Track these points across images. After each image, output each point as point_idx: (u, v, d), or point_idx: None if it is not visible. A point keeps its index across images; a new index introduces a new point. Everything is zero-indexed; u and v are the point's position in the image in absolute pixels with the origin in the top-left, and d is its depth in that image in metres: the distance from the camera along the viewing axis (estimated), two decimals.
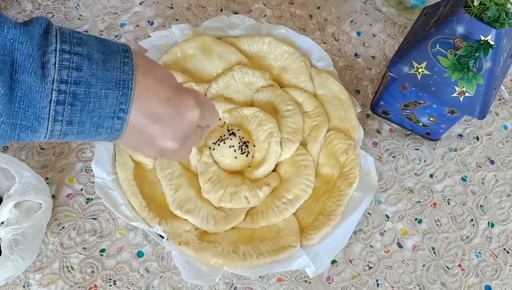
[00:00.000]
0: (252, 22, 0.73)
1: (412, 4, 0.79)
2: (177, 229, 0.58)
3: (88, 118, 0.37)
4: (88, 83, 0.36)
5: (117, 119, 0.38)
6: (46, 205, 0.58)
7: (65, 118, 0.36)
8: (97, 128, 0.38)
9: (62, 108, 0.36)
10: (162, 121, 0.41)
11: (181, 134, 0.43)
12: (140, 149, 0.43)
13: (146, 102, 0.40)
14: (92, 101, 0.37)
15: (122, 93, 0.38)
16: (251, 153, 0.65)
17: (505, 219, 0.68)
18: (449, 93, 0.59)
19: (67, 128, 0.37)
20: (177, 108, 0.41)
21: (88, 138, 0.39)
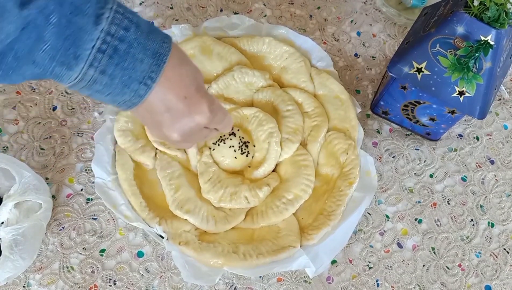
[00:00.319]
0: (252, 22, 0.73)
1: (412, 4, 0.79)
2: (177, 229, 0.58)
3: (119, 74, 0.40)
4: (130, 43, 0.40)
5: (144, 85, 0.42)
6: (46, 205, 0.58)
7: (100, 66, 0.39)
8: (124, 87, 0.41)
9: (101, 56, 0.39)
10: (172, 113, 0.45)
11: (187, 130, 0.47)
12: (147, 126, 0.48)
13: (165, 91, 0.43)
14: (129, 60, 0.40)
15: (155, 63, 0.41)
16: (251, 153, 0.65)
17: (505, 219, 0.68)
18: (449, 93, 0.59)
19: (98, 76, 0.39)
20: (189, 107, 0.45)
21: (111, 94, 0.41)
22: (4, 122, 0.67)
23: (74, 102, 0.69)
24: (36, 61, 0.38)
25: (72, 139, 0.67)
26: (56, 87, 0.70)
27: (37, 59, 0.38)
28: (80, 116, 0.69)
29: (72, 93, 0.70)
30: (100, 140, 0.62)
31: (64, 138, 0.67)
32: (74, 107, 0.69)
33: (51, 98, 0.69)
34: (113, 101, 0.43)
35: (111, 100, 0.43)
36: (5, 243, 0.54)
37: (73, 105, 0.69)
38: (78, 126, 0.68)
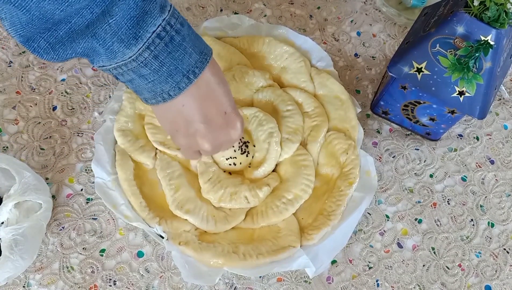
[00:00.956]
0: (252, 22, 0.73)
1: (412, 4, 0.79)
2: (177, 229, 0.59)
3: (169, 62, 0.42)
4: (183, 37, 0.43)
5: (186, 78, 0.44)
6: (46, 205, 0.58)
7: (155, 51, 0.41)
8: (168, 76, 0.43)
9: (158, 41, 0.41)
10: (211, 125, 0.48)
11: (218, 144, 0.50)
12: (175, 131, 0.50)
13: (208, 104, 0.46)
14: (180, 51, 0.43)
15: (200, 60, 0.44)
16: (251, 153, 0.65)
17: (505, 219, 0.68)
18: (449, 93, 0.59)
19: (150, 60, 0.42)
20: (228, 123, 0.49)
21: (154, 81, 0.43)
22: (4, 122, 0.67)
23: (74, 102, 0.69)
24: (97, 34, 0.39)
25: (72, 139, 0.67)
26: (56, 87, 0.70)
27: (98, 32, 0.39)
28: (80, 116, 0.69)
29: (72, 93, 0.70)
30: (100, 140, 0.62)
31: (64, 138, 0.67)
32: (74, 107, 0.69)
33: (51, 98, 0.69)
34: (152, 90, 0.44)
35: (150, 89, 0.44)
36: (5, 243, 0.54)
37: (73, 105, 0.69)
38: (78, 126, 0.68)
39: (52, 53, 0.41)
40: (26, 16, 0.38)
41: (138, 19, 0.40)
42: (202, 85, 0.45)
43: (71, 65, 0.72)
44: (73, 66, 0.72)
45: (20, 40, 0.40)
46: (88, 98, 0.70)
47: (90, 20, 0.39)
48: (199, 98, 0.46)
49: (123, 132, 0.63)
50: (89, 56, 0.42)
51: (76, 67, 0.72)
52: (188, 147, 0.51)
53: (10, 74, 0.70)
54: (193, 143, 0.49)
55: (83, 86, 0.71)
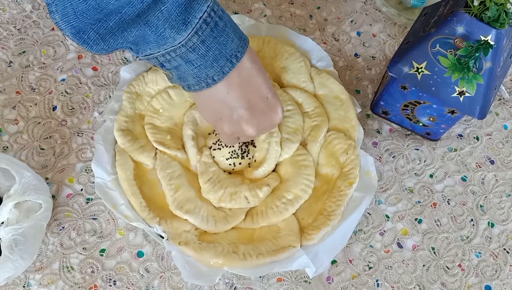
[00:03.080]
0: (252, 22, 0.73)
1: (412, 4, 0.79)
2: (177, 229, 0.59)
3: (214, 47, 0.44)
4: (226, 23, 0.45)
5: (230, 62, 0.46)
6: (46, 205, 0.58)
7: (202, 36, 0.43)
8: (213, 61, 0.45)
9: (205, 26, 0.43)
10: (254, 110, 0.50)
11: (262, 128, 0.52)
12: (218, 120, 0.52)
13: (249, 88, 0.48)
14: (224, 36, 0.45)
15: (241, 44, 0.46)
16: (251, 153, 0.65)
17: (505, 219, 0.68)
18: (449, 93, 0.59)
19: (198, 45, 0.44)
20: (271, 108, 0.51)
21: (202, 65, 0.45)
22: (4, 122, 0.67)
23: (74, 102, 0.69)
24: (149, 21, 0.41)
25: (72, 139, 0.67)
26: (56, 87, 0.70)
27: (151, 19, 0.41)
28: (80, 116, 0.69)
29: (72, 93, 0.70)
30: (100, 140, 0.62)
31: (64, 138, 0.67)
32: (74, 107, 0.69)
33: (51, 98, 0.69)
34: (197, 76, 0.46)
35: (195, 74, 0.46)
36: (5, 243, 0.54)
37: (73, 105, 0.69)
38: (78, 126, 0.68)
39: (102, 43, 0.43)
40: (83, 5, 0.39)
41: (186, 6, 0.41)
42: (243, 71, 0.47)
43: (71, 65, 0.72)
44: (73, 66, 0.72)
45: (72, 31, 0.41)
46: (88, 98, 0.70)
47: (141, 9, 0.40)
48: (242, 84, 0.48)
49: (123, 132, 0.63)
50: (137, 45, 0.44)
51: (76, 67, 0.72)
52: (232, 134, 0.53)
53: (10, 74, 0.70)
54: (238, 129, 0.51)
55: (83, 86, 0.71)
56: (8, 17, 0.75)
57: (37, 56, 0.72)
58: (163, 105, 0.66)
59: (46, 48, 0.73)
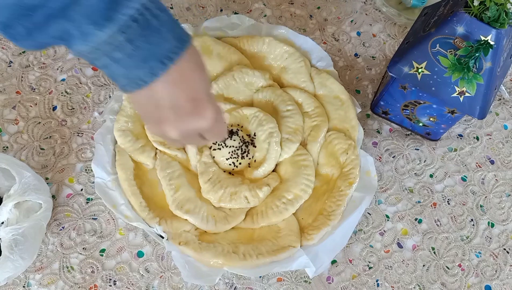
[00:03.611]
0: (252, 22, 0.73)
1: (412, 4, 0.79)
2: (177, 229, 0.58)
3: (143, 47, 0.41)
4: (161, 22, 0.42)
5: (161, 64, 0.43)
6: (46, 205, 0.58)
7: (129, 34, 0.40)
8: (142, 61, 0.42)
9: (134, 24, 0.40)
10: (177, 111, 0.46)
11: (185, 131, 0.48)
12: (146, 118, 0.49)
13: (178, 86, 0.45)
14: (156, 36, 0.42)
15: (177, 46, 0.43)
16: (251, 153, 0.65)
17: (505, 219, 0.68)
18: (449, 93, 0.59)
19: (124, 44, 0.41)
20: (195, 109, 0.46)
21: (130, 65, 0.42)
22: (4, 122, 0.67)
23: (74, 102, 0.69)
24: (70, 16, 0.39)
25: (72, 139, 0.67)
26: (56, 87, 0.70)
27: (72, 14, 0.39)
28: (80, 116, 0.69)
29: (72, 93, 0.70)
30: (100, 140, 0.62)
31: (64, 138, 0.67)
32: (74, 107, 0.69)
33: (51, 98, 0.69)
34: (127, 76, 0.43)
35: (125, 75, 0.43)
36: (5, 243, 0.54)
37: (73, 105, 0.69)
38: (78, 126, 0.68)
39: (30, 39, 0.41)
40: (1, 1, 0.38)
41: (112, 1, 0.39)
42: (177, 71, 0.44)
43: (71, 65, 0.72)
44: (73, 66, 0.72)
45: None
46: (88, 98, 0.70)
47: (64, 3, 0.38)
48: (171, 83, 0.44)
49: (123, 132, 0.63)
50: (66, 40, 0.41)
51: (76, 67, 0.72)
52: (158, 135, 0.50)
53: (10, 74, 0.70)
54: (161, 130, 0.48)
55: (83, 86, 0.71)
56: None
57: (37, 56, 0.72)
58: None
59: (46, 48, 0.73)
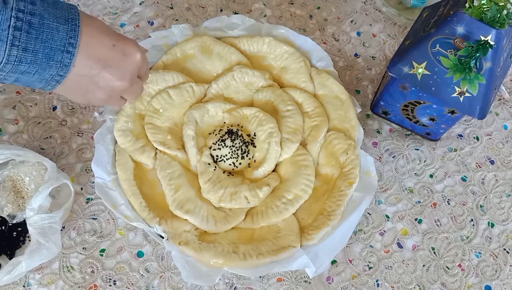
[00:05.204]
0: (252, 22, 0.73)
1: (412, 4, 0.79)
2: (177, 229, 0.58)
3: (41, 47, 0.41)
4: (41, 15, 0.41)
5: (67, 53, 0.42)
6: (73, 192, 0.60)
7: (21, 44, 0.40)
8: (49, 60, 0.42)
9: (19, 33, 0.39)
10: (110, 64, 0.47)
11: (129, 73, 0.49)
12: (89, 93, 0.48)
13: (94, 48, 0.45)
14: (45, 31, 0.41)
15: (71, 28, 0.43)
16: (251, 153, 0.65)
17: (505, 219, 0.68)
18: (449, 93, 0.59)
19: (22, 55, 0.40)
20: (122, 51, 0.48)
21: (37, 72, 0.42)
22: (4, 122, 0.67)
23: (74, 102, 0.69)
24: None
25: (72, 139, 0.67)
26: None
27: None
28: (80, 116, 0.69)
29: None
30: (100, 140, 0.62)
31: (64, 138, 0.67)
32: (74, 107, 0.69)
33: (51, 98, 0.69)
34: (41, 79, 0.43)
35: (39, 79, 0.43)
36: (37, 230, 0.55)
37: (73, 105, 0.69)
38: (78, 126, 0.68)
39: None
40: None
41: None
42: (85, 43, 0.44)
43: None
44: None
45: None
46: None
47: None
48: (87, 55, 0.44)
49: (123, 132, 0.63)
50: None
51: None
52: (109, 97, 0.51)
53: None
54: (111, 90, 0.49)
55: None
56: None
57: None
58: (163, 105, 0.66)
59: None
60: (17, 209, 0.59)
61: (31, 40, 0.40)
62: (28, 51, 0.40)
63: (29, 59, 0.41)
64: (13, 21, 0.39)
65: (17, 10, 0.39)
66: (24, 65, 0.41)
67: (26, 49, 0.40)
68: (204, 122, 0.66)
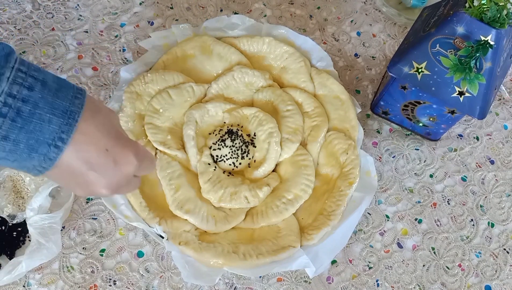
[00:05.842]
0: (252, 22, 0.73)
1: (412, 4, 0.79)
2: (177, 229, 0.58)
3: (25, 138, 0.36)
4: (35, 104, 0.36)
5: (54, 147, 0.38)
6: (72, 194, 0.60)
7: (2, 132, 0.35)
8: (31, 151, 0.37)
9: (1, 120, 0.35)
10: (97, 169, 0.41)
11: (115, 184, 0.43)
12: (70, 187, 0.43)
13: (84, 148, 0.40)
14: (34, 122, 0.36)
15: (66, 123, 0.38)
16: (251, 154, 0.65)
17: (505, 219, 0.68)
18: (449, 93, 0.59)
19: (0, 143, 0.36)
20: (114, 159, 0.42)
21: (17, 161, 0.38)
22: None
23: None
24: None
25: None
26: None
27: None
28: None
29: None
30: None
31: None
32: None
33: None
34: (21, 167, 0.39)
35: (18, 166, 0.39)
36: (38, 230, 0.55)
37: None
38: None
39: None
40: None
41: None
42: (76, 140, 0.39)
43: (71, 65, 0.72)
44: (73, 66, 0.72)
45: None
46: None
47: None
48: (76, 152, 0.40)
49: None
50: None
51: (76, 67, 0.72)
52: (90, 195, 0.46)
53: None
54: (92, 193, 0.44)
55: (83, 86, 0.71)
56: (8, 17, 0.75)
57: (37, 56, 0.72)
58: (163, 105, 0.66)
59: (46, 48, 0.73)
60: (17, 209, 0.59)
61: (14, 128, 0.36)
62: (9, 140, 0.36)
63: (8, 148, 0.36)
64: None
65: (7, 95, 0.35)
66: (1, 152, 0.37)
67: (6, 138, 0.36)
68: (204, 122, 0.66)
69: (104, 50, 0.74)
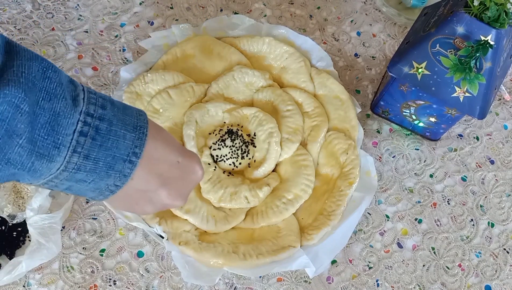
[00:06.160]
0: (252, 22, 0.73)
1: (412, 4, 0.79)
2: (177, 229, 0.58)
3: (103, 155, 0.37)
4: (110, 121, 0.37)
5: (129, 163, 0.39)
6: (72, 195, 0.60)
7: (84, 151, 0.36)
8: (108, 169, 0.38)
9: (84, 139, 0.36)
10: (170, 183, 0.43)
11: (187, 193, 0.46)
12: (138, 206, 0.44)
13: (157, 163, 0.41)
14: (112, 138, 0.37)
15: (137, 137, 0.39)
16: (251, 153, 0.65)
17: (505, 219, 0.68)
18: (449, 93, 0.59)
19: (82, 162, 0.36)
20: (186, 170, 0.44)
21: (94, 181, 0.38)
22: None
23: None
24: (11, 159, 0.33)
25: None
26: None
27: (12, 157, 0.33)
28: None
29: None
30: None
31: None
32: None
33: None
34: (96, 189, 0.39)
35: (93, 188, 0.39)
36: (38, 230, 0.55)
37: None
38: None
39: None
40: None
41: (51, 125, 0.34)
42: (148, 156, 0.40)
43: (71, 65, 0.72)
44: (73, 66, 0.72)
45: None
46: None
47: (0, 146, 0.33)
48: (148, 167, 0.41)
49: None
50: (18, 178, 0.36)
51: (76, 67, 0.72)
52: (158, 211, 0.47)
53: None
54: (163, 207, 0.46)
55: None
56: (8, 17, 0.75)
57: None
58: (163, 105, 0.66)
59: (46, 48, 0.73)
60: (17, 209, 0.59)
61: (94, 147, 0.36)
62: (90, 159, 0.36)
63: (89, 168, 0.37)
64: (79, 126, 0.35)
65: (86, 114, 0.36)
66: (81, 173, 0.37)
67: (88, 157, 0.36)
68: (204, 122, 0.66)
69: (104, 50, 0.74)
